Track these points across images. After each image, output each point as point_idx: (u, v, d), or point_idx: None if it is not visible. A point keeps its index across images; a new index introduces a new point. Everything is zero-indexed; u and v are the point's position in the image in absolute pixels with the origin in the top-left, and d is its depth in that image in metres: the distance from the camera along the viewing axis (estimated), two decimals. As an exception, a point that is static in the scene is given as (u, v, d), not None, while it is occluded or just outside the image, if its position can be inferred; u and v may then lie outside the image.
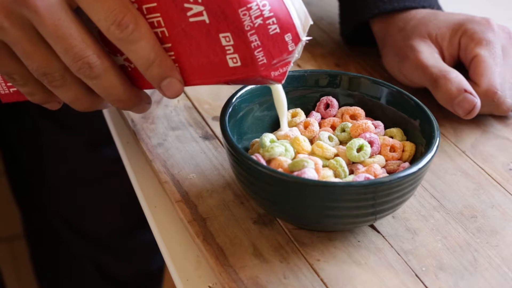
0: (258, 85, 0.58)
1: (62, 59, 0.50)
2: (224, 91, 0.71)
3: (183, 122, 0.66)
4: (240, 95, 0.57)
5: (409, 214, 0.56)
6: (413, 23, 0.71)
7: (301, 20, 0.50)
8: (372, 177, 0.52)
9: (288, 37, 0.49)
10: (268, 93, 0.59)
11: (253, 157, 0.51)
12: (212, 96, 0.70)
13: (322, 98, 0.60)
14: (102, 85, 0.51)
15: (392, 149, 0.56)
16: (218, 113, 0.67)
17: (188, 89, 0.71)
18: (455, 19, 0.70)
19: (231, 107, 0.56)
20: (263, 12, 0.48)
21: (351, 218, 0.51)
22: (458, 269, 0.51)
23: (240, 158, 0.51)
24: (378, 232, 0.54)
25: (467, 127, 0.67)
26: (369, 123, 0.56)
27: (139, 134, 0.64)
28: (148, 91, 0.71)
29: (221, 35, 0.49)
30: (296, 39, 0.50)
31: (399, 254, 0.52)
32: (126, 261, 1.19)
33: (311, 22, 0.51)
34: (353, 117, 0.59)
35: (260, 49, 0.49)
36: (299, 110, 0.59)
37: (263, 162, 0.52)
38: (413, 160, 0.55)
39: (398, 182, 0.49)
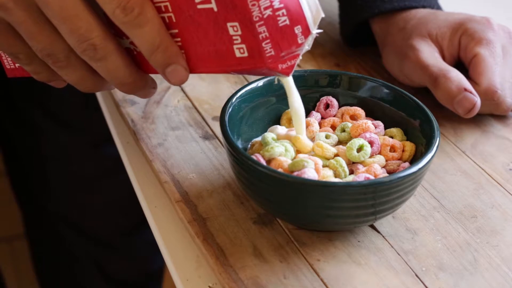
0: (258, 85, 0.58)
1: (67, 41, 0.49)
2: (224, 91, 0.71)
3: (183, 122, 0.66)
4: (240, 95, 0.57)
5: (409, 214, 0.56)
6: (413, 22, 0.71)
7: (312, 12, 0.49)
8: (372, 177, 0.52)
9: (298, 30, 0.49)
10: (268, 93, 0.59)
11: (253, 157, 0.51)
12: (212, 96, 0.70)
13: (322, 98, 0.60)
14: (106, 67, 0.50)
15: (392, 149, 0.56)
16: (218, 113, 0.67)
17: (188, 89, 0.71)
18: (455, 18, 0.70)
19: (231, 107, 0.56)
20: (273, 3, 0.47)
21: (351, 218, 0.51)
22: (458, 269, 0.51)
23: (240, 158, 0.51)
24: (378, 232, 0.54)
25: (467, 127, 0.67)
26: (369, 123, 0.56)
27: (139, 134, 0.64)
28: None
29: (228, 24, 0.48)
30: (306, 31, 0.49)
31: (399, 254, 0.52)
32: (126, 260, 1.19)
33: (323, 15, 0.50)
34: (353, 117, 0.59)
35: (268, 41, 0.48)
36: None
37: (263, 162, 0.52)
38: (413, 160, 0.55)
39: (398, 182, 0.49)
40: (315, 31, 0.50)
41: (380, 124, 0.58)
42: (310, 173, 0.50)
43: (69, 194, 1.10)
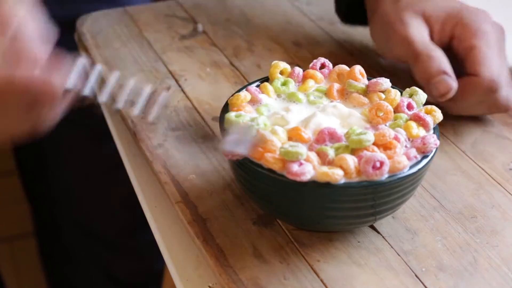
0: (258, 86, 0.58)
1: None
2: (224, 91, 0.71)
3: (183, 122, 0.66)
4: (240, 96, 0.57)
5: (409, 214, 0.56)
6: None
7: None
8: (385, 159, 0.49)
9: None
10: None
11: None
12: (212, 97, 0.70)
13: (319, 58, 0.59)
14: None
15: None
16: (218, 114, 0.67)
17: (188, 89, 0.71)
18: (453, 5, 0.67)
19: (231, 108, 0.56)
20: None
21: (351, 218, 0.51)
22: (458, 269, 0.51)
23: (240, 159, 0.51)
24: (378, 232, 0.54)
25: (467, 127, 0.67)
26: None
27: (139, 135, 0.64)
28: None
29: None
30: None
31: (399, 255, 0.52)
32: (129, 260, 1.19)
33: None
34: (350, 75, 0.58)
35: None
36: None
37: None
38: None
39: (398, 182, 0.49)
40: None
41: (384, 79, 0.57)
42: (307, 167, 0.48)
43: (72, 192, 1.10)
